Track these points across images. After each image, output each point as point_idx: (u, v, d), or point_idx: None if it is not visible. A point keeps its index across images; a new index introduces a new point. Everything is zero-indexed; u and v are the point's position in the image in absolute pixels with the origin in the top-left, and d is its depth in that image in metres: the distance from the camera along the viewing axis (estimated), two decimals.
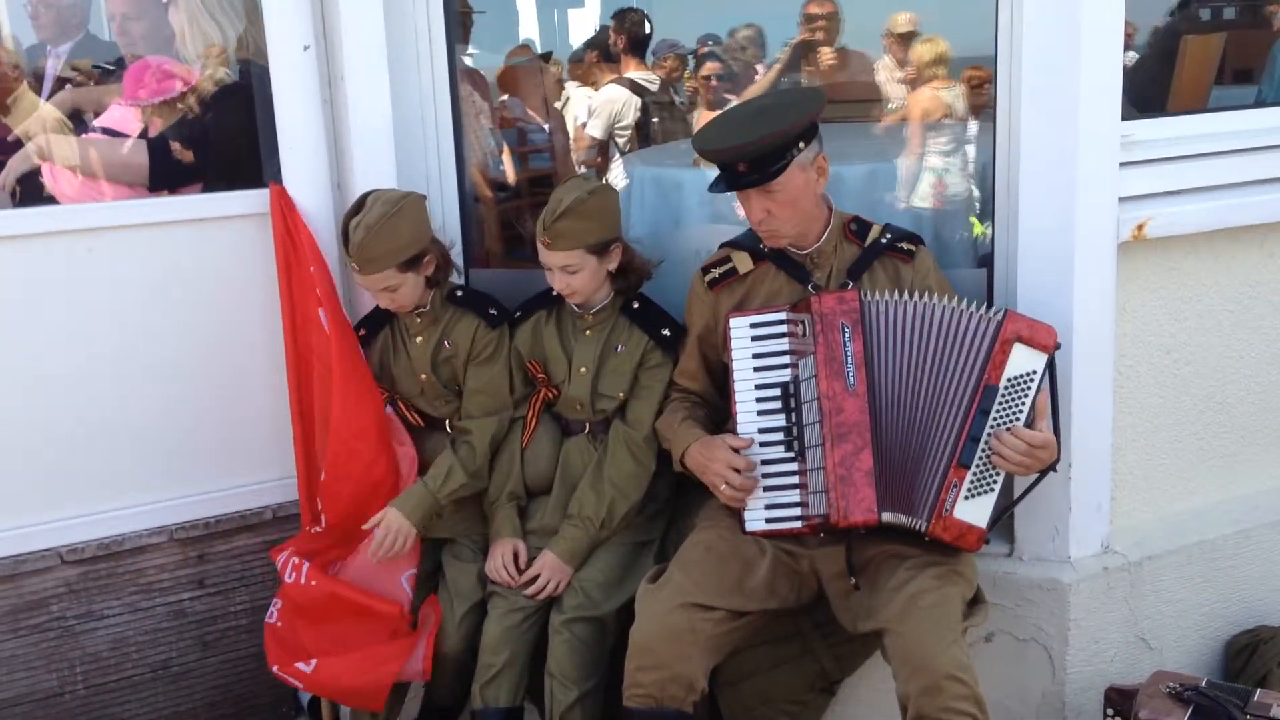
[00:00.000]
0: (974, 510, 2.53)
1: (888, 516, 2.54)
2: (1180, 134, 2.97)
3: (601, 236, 2.88)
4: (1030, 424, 2.54)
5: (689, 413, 2.84)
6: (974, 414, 2.52)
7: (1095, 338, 2.84)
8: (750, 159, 2.59)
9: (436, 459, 3.01)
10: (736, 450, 2.66)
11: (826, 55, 4.68)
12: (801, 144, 2.62)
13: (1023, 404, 2.53)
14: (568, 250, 2.84)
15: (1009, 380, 2.52)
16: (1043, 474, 2.60)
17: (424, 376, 3.05)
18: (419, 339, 3.05)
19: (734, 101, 4.84)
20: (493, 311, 3.03)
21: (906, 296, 2.61)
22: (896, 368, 2.58)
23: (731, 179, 2.64)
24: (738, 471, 2.64)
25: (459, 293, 3.06)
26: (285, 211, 3.10)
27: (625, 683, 2.56)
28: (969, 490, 2.52)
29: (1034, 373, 2.54)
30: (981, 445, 2.52)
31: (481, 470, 3.01)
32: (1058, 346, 2.56)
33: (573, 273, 2.87)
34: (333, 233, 3.20)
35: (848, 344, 2.57)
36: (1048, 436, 2.55)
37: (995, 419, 2.52)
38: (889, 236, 2.77)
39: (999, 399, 2.51)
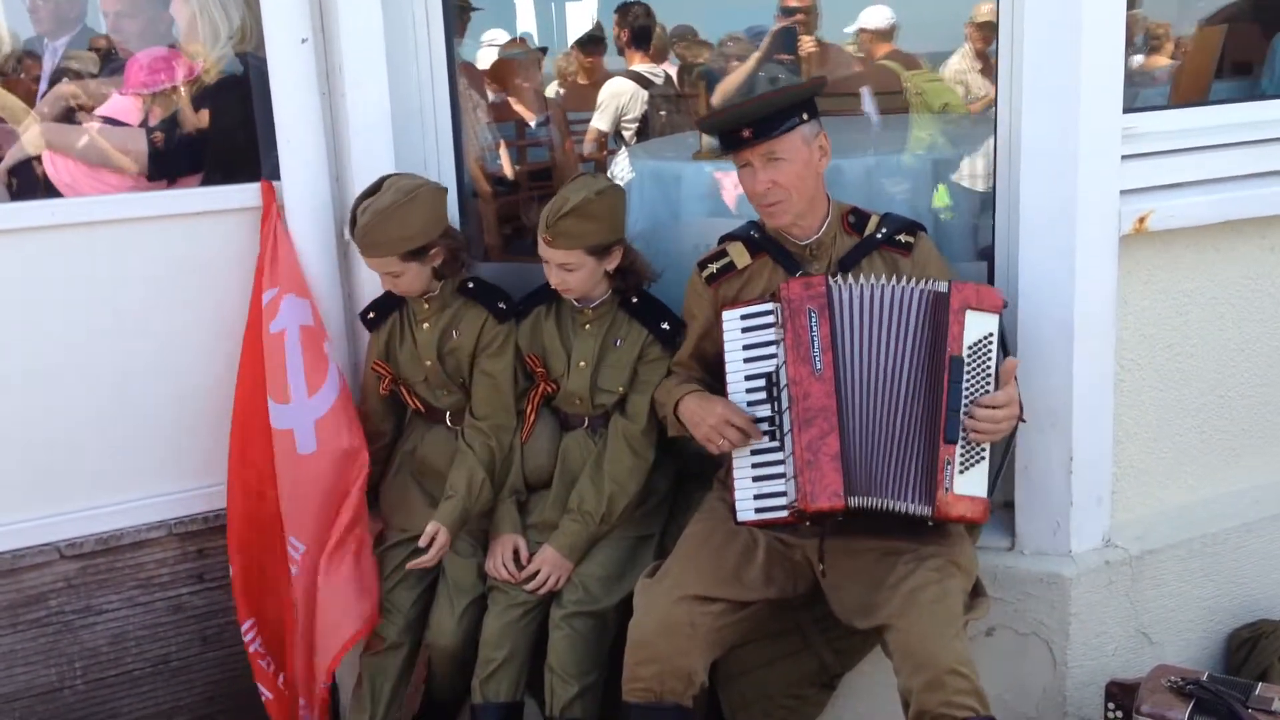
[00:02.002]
0: (971, 483, 2.52)
1: (855, 501, 2.52)
2: (1182, 126, 2.95)
3: (603, 239, 2.86)
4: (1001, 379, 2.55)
5: (686, 378, 2.85)
6: (948, 388, 2.52)
7: (1096, 331, 2.83)
8: (754, 121, 2.61)
9: (455, 470, 2.99)
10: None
11: (808, 43, 4.70)
12: (805, 115, 2.63)
13: (989, 367, 2.54)
14: (567, 249, 2.83)
15: (970, 348, 2.53)
16: (1013, 432, 2.59)
17: (429, 363, 3.05)
18: (425, 325, 3.05)
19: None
20: (502, 305, 3.03)
21: (873, 280, 2.61)
22: (863, 351, 2.58)
23: (737, 144, 2.64)
24: (736, 429, 2.62)
25: (470, 284, 3.06)
26: (271, 210, 3.13)
27: (624, 677, 2.56)
28: (962, 464, 2.51)
29: (990, 335, 2.55)
30: (962, 417, 2.52)
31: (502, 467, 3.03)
32: (1005, 305, 2.57)
33: (570, 270, 2.86)
34: (331, 225, 3.20)
35: (814, 329, 2.57)
36: (1009, 393, 2.53)
37: (968, 388, 2.52)
38: (885, 230, 2.76)
39: (966, 368, 2.52)
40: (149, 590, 3.25)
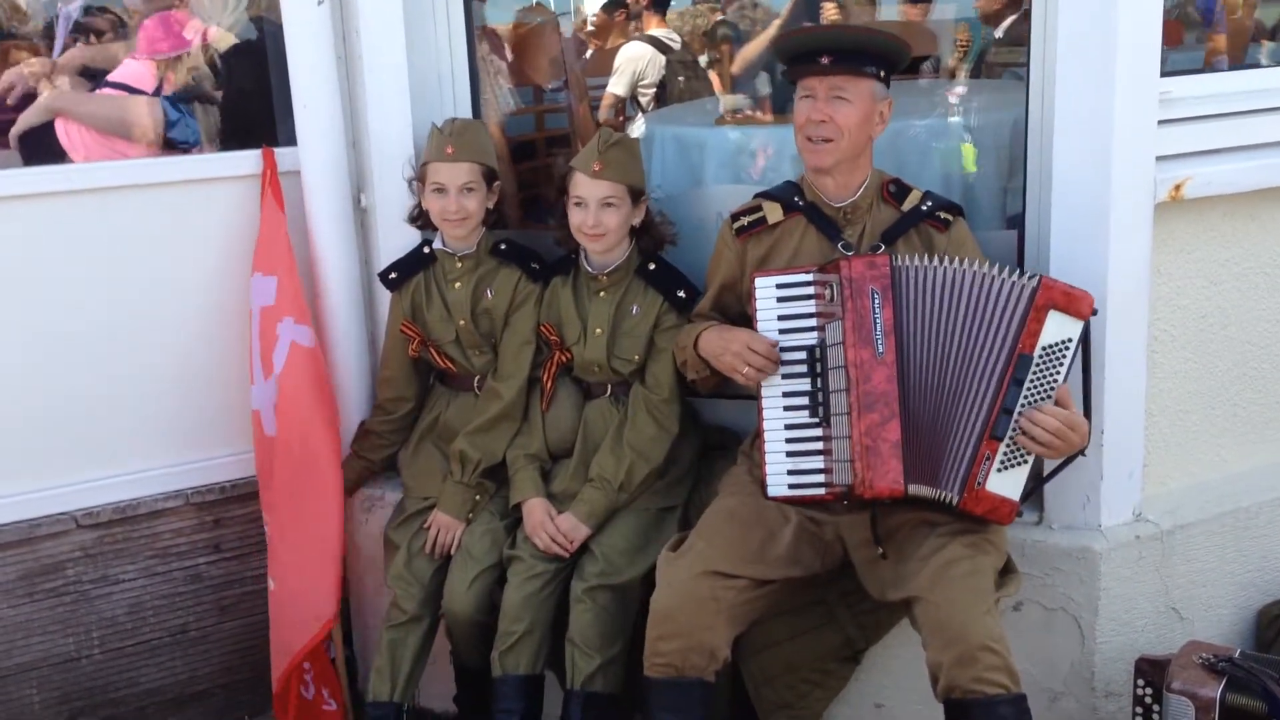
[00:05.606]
0: (1006, 483, 2.48)
1: (914, 489, 2.49)
2: (1220, 91, 2.88)
3: (640, 181, 2.91)
4: (1057, 402, 2.47)
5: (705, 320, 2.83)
6: (1008, 384, 2.45)
7: (1129, 302, 2.76)
8: (840, 50, 2.58)
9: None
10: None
11: (830, 10, 4.64)
12: (882, 71, 2.61)
13: (1058, 373, 2.47)
14: (615, 181, 2.84)
15: (1043, 349, 2.46)
16: (1071, 457, 2.53)
17: (462, 322, 3.05)
18: (457, 284, 3.05)
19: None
20: (535, 265, 3.07)
21: (935, 261, 2.54)
22: (926, 336, 2.52)
23: (810, 69, 2.60)
24: (759, 355, 2.59)
25: (502, 245, 3.08)
26: (272, 179, 3.11)
27: (646, 651, 2.53)
28: (1002, 463, 2.47)
29: (1069, 340, 2.48)
30: (1015, 417, 2.46)
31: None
32: (1094, 313, 2.49)
33: (611, 206, 2.85)
34: (348, 191, 3.18)
35: (877, 311, 2.51)
36: (1080, 419, 2.47)
37: (1029, 389, 2.46)
38: (929, 204, 2.70)
39: (1033, 369, 2.45)
40: (166, 560, 3.24)
